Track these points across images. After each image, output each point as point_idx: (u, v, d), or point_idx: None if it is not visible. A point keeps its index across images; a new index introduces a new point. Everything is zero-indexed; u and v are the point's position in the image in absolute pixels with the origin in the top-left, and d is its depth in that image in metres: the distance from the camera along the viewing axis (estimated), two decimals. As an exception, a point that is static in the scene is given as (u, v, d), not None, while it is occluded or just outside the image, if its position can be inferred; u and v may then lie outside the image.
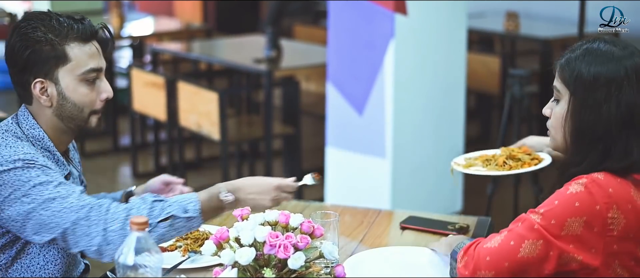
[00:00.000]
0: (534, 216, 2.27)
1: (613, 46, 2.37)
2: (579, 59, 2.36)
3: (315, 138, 7.77)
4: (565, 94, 2.38)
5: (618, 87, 2.30)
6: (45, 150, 2.65)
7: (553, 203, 2.26)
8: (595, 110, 2.32)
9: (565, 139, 2.41)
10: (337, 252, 2.36)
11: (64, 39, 2.60)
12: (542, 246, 2.23)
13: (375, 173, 5.11)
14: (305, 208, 3.29)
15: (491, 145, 7.95)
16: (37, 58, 2.59)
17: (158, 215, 2.49)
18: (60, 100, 2.63)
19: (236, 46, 7.82)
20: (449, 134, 5.31)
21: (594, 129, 2.32)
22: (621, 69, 2.31)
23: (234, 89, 7.96)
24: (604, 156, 2.32)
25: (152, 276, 2.00)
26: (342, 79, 5.19)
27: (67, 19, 2.64)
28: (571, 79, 2.36)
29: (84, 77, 2.63)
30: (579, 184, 2.27)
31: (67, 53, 2.60)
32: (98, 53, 2.67)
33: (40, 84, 2.61)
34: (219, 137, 6.05)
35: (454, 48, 5.21)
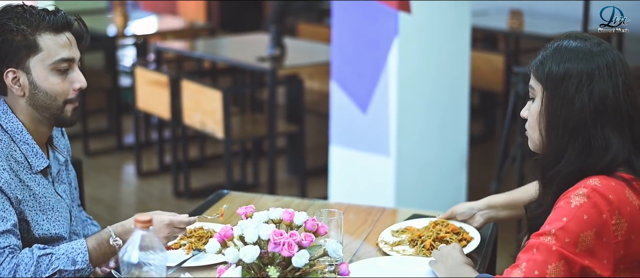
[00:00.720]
0: (547, 239, 2.23)
1: (584, 41, 2.37)
2: (550, 57, 2.38)
3: (319, 136, 7.78)
4: (539, 91, 2.39)
5: (589, 78, 2.31)
6: (23, 143, 2.68)
7: (561, 220, 2.23)
8: (567, 101, 2.31)
9: (541, 135, 2.40)
10: (341, 250, 2.36)
11: (35, 29, 2.64)
12: (564, 266, 2.20)
13: (379, 171, 5.11)
14: (309, 206, 3.30)
15: (495, 143, 7.98)
16: (8, 48, 2.63)
17: (45, 270, 2.53)
18: (32, 89, 2.67)
19: (240, 44, 7.83)
20: (453, 132, 5.30)
21: (567, 121, 2.31)
22: (593, 64, 2.32)
23: (238, 88, 7.96)
24: (584, 151, 2.31)
25: (156, 274, 2.00)
26: (346, 77, 5.19)
27: (41, 10, 2.68)
28: (543, 75, 2.37)
29: (55, 67, 2.67)
30: (580, 195, 2.25)
31: (38, 43, 2.64)
32: (70, 44, 2.71)
33: (12, 73, 2.66)
34: (222, 135, 6.05)
35: (458, 46, 5.20)
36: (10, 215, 2.57)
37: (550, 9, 8.54)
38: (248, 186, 6.98)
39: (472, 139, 6.20)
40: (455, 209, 3.03)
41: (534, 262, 2.23)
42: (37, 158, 2.70)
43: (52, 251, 2.55)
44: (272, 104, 6.29)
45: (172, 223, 2.64)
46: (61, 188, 2.82)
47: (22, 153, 2.67)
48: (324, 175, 5.98)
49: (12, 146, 2.66)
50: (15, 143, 2.67)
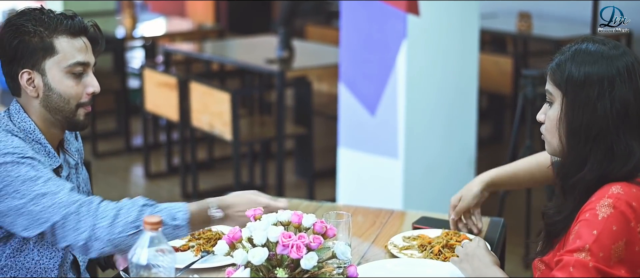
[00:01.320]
0: (581, 256, 2.19)
1: (603, 45, 2.35)
2: (569, 60, 2.35)
3: (327, 138, 7.78)
4: (557, 96, 2.36)
5: (610, 84, 2.29)
6: (36, 143, 2.70)
7: (592, 234, 2.20)
8: (588, 108, 2.29)
9: (561, 142, 2.37)
10: (349, 253, 2.36)
11: (52, 32, 2.66)
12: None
13: (388, 174, 5.11)
14: (317, 209, 3.30)
15: (503, 146, 7.97)
16: (25, 49, 2.66)
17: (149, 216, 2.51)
18: (46, 91, 2.69)
19: (248, 46, 7.83)
20: (461, 134, 5.30)
21: (589, 128, 2.29)
22: (612, 68, 2.30)
23: (246, 90, 7.96)
24: (607, 157, 2.29)
25: (165, 276, 2.00)
26: (354, 79, 5.19)
27: (59, 15, 2.71)
28: (562, 80, 2.34)
29: (70, 70, 2.69)
30: (605, 206, 2.22)
31: (54, 45, 2.66)
32: (86, 48, 2.73)
33: (28, 74, 2.68)
34: (231, 137, 6.06)
35: (467, 48, 5.20)
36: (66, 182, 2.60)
37: (559, 12, 8.53)
38: (256, 188, 6.96)
39: (480, 141, 6.19)
40: (462, 206, 3.03)
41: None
42: (49, 157, 2.71)
43: (155, 203, 2.57)
44: (281, 106, 6.30)
45: (268, 206, 2.65)
46: None
47: (35, 152, 2.68)
48: (332, 177, 5.98)
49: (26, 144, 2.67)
50: (28, 142, 2.68)
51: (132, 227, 2.51)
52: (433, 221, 3.12)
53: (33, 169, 2.56)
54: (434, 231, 3.02)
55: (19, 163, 2.55)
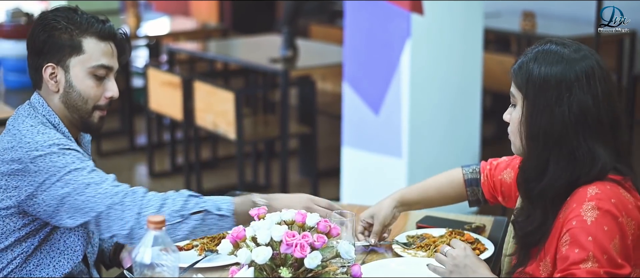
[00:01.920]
0: (590, 266, 2.17)
1: (564, 47, 2.35)
2: (530, 62, 2.35)
3: (331, 137, 7.78)
4: (519, 98, 2.37)
5: (568, 88, 2.28)
6: (62, 135, 2.71)
7: (587, 240, 2.19)
8: (547, 113, 2.29)
9: (522, 145, 2.38)
10: (353, 252, 2.36)
11: (82, 31, 2.71)
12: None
13: (392, 173, 5.11)
14: (321, 208, 3.29)
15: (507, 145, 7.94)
16: (53, 44, 2.70)
17: (192, 208, 2.58)
18: (67, 87, 2.72)
19: (252, 45, 7.83)
20: (465, 134, 5.30)
21: (548, 132, 2.29)
22: (571, 72, 2.29)
23: (250, 89, 7.96)
24: (569, 163, 2.29)
25: (168, 275, 2.00)
26: (358, 78, 5.19)
27: (92, 17, 2.76)
28: (523, 82, 2.35)
29: (93, 72, 2.72)
30: (589, 209, 2.22)
31: (82, 45, 2.71)
32: (112, 53, 2.77)
33: (51, 68, 2.72)
34: (235, 136, 6.06)
35: (470, 48, 5.20)
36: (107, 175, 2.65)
37: (563, 11, 8.53)
38: (260, 187, 6.98)
39: (484, 141, 6.19)
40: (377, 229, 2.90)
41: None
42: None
43: (200, 195, 2.64)
44: (285, 106, 6.30)
45: (312, 199, 2.73)
46: None
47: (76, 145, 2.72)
48: (336, 176, 5.98)
49: None
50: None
51: (177, 216, 2.57)
52: (437, 221, 3.12)
53: (78, 160, 2.60)
54: (438, 230, 3.02)
55: (64, 153, 2.60)
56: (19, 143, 2.62)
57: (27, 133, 2.64)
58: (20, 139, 2.63)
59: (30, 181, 2.59)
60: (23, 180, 2.60)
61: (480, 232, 3.04)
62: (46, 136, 2.62)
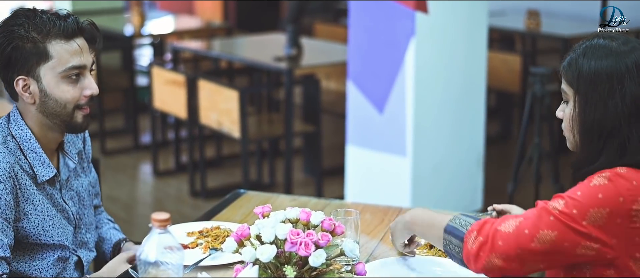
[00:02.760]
0: (553, 205, 2.24)
1: (611, 41, 2.36)
2: (579, 58, 2.36)
3: (336, 136, 7.77)
4: (571, 94, 2.38)
5: (620, 81, 2.29)
6: (31, 151, 2.67)
7: (575, 193, 2.24)
8: (600, 106, 2.31)
9: (575, 139, 2.40)
10: (358, 250, 2.36)
11: (45, 36, 2.62)
12: (557, 237, 2.21)
13: (396, 171, 5.11)
14: (326, 206, 3.29)
15: (512, 143, 7.97)
16: (18, 55, 2.61)
17: None
18: (43, 97, 2.65)
19: (257, 44, 7.83)
20: (470, 132, 5.30)
21: (601, 125, 2.31)
22: (621, 64, 2.30)
23: (255, 87, 7.96)
24: (620, 152, 2.30)
25: (173, 273, 2.00)
26: (362, 77, 5.19)
27: (52, 16, 2.65)
28: (574, 78, 2.36)
29: (66, 75, 2.64)
30: (602, 177, 2.25)
31: (48, 50, 2.62)
32: (81, 51, 2.67)
33: (23, 81, 2.64)
34: (239, 135, 6.06)
35: (475, 46, 5.20)
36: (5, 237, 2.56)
37: (568, 9, 8.52)
38: (264, 185, 6.98)
39: (488, 139, 6.19)
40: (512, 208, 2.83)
41: (530, 222, 2.24)
42: (43, 167, 2.69)
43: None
44: (289, 104, 6.30)
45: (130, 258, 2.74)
46: (68, 195, 2.81)
47: (29, 162, 2.66)
48: (340, 175, 5.98)
49: (19, 154, 2.66)
50: (23, 151, 2.66)
51: None
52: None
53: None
54: None
55: None
56: None
57: None
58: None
59: None
60: None
61: None
62: None
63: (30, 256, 2.69)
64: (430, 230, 2.49)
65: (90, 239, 2.89)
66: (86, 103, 2.70)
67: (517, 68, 7.17)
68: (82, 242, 2.84)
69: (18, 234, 2.64)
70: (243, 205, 3.32)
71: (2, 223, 2.55)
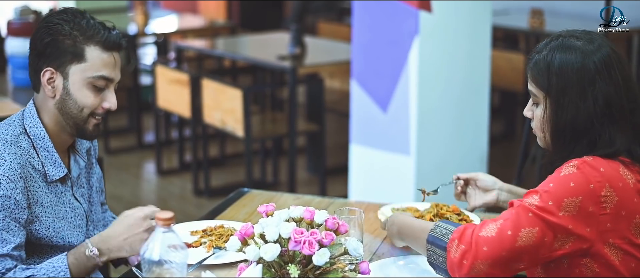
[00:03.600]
0: (529, 201, 2.26)
1: (577, 40, 2.36)
2: (546, 60, 2.36)
3: (340, 135, 7.78)
4: (541, 96, 2.39)
5: (591, 82, 2.31)
6: (44, 150, 2.68)
7: (548, 186, 2.26)
8: (572, 109, 2.32)
9: (546, 139, 2.42)
10: (361, 249, 2.36)
11: (87, 39, 2.64)
12: (538, 232, 2.23)
13: (400, 170, 5.10)
14: (329, 205, 3.30)
15: (515, 142, 7.96)
16: (55, 48, 2.63)
17: None
18: (64, 94, 2.66)
19: (260, 43, 7.84)
20: (474, 131, 5.29)
21: (573, 126, 2.33)
22: (591, 65, 2.31)
23: (258, 86, 7.97)
24: (589, 148, 2.33)
25: (177, 272, 2.00)
26: (366, 76, 5.19)
27: (99, 23, 2.68)
28: (543, 81, 2.36)
29: (93, 82, 2.66)
30: (570, 166, 2.28)
31: (85, 53, 2.64)
32: (115, 64, 2.70)
33: (50, 73, 2.65)
34: (243, 134, 6.06)
35: (479, 45, 5.19)
36: (13, 237, 2.56)
37: (571, 8, 8.51)
38: (268, 184, 6.98)
39: (492, 138, 6.19)
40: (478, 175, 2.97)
41: (511, 222, 2.25)
42: (54, 167, 2.69)
43: (34, 272, 2.54)
44: (293, 103, 6.30)
45: (147, 215, 2.60)
46: (79, 193, 2.82)
47: (41, 160, 2.67)
48: (344, 174, 5.98)
49: (32, 152, 2.66)
50: (36, 149, 2.67)
51: None
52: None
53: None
54: (423, 205, 3.05)
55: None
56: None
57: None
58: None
59: None
60: None
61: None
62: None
63: (40, 257, 2.69)
64: (417, 242, 2.51)
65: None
66: (101, 114, 2.72)
67: (521, 67, 7.17)
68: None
69: (31, 236, 2.65)
70: (247, 203, 3.32)
71: (9, 223, 2.55)
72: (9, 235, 2.54)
